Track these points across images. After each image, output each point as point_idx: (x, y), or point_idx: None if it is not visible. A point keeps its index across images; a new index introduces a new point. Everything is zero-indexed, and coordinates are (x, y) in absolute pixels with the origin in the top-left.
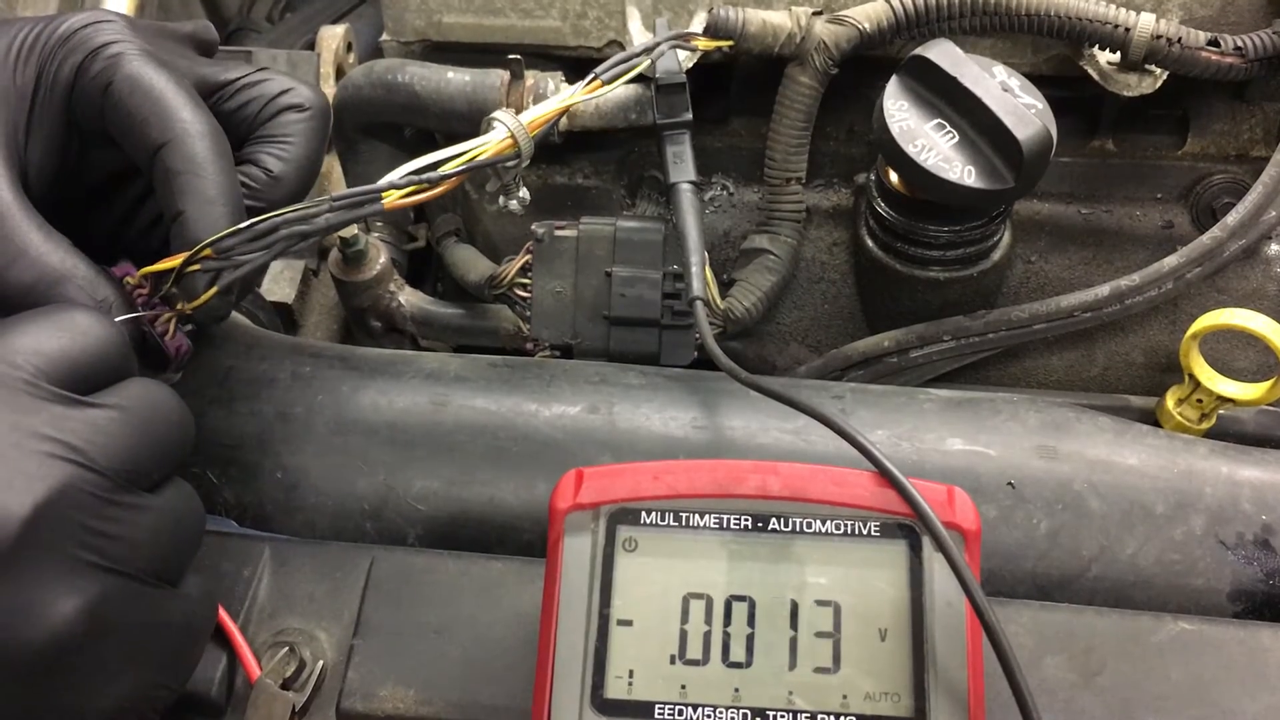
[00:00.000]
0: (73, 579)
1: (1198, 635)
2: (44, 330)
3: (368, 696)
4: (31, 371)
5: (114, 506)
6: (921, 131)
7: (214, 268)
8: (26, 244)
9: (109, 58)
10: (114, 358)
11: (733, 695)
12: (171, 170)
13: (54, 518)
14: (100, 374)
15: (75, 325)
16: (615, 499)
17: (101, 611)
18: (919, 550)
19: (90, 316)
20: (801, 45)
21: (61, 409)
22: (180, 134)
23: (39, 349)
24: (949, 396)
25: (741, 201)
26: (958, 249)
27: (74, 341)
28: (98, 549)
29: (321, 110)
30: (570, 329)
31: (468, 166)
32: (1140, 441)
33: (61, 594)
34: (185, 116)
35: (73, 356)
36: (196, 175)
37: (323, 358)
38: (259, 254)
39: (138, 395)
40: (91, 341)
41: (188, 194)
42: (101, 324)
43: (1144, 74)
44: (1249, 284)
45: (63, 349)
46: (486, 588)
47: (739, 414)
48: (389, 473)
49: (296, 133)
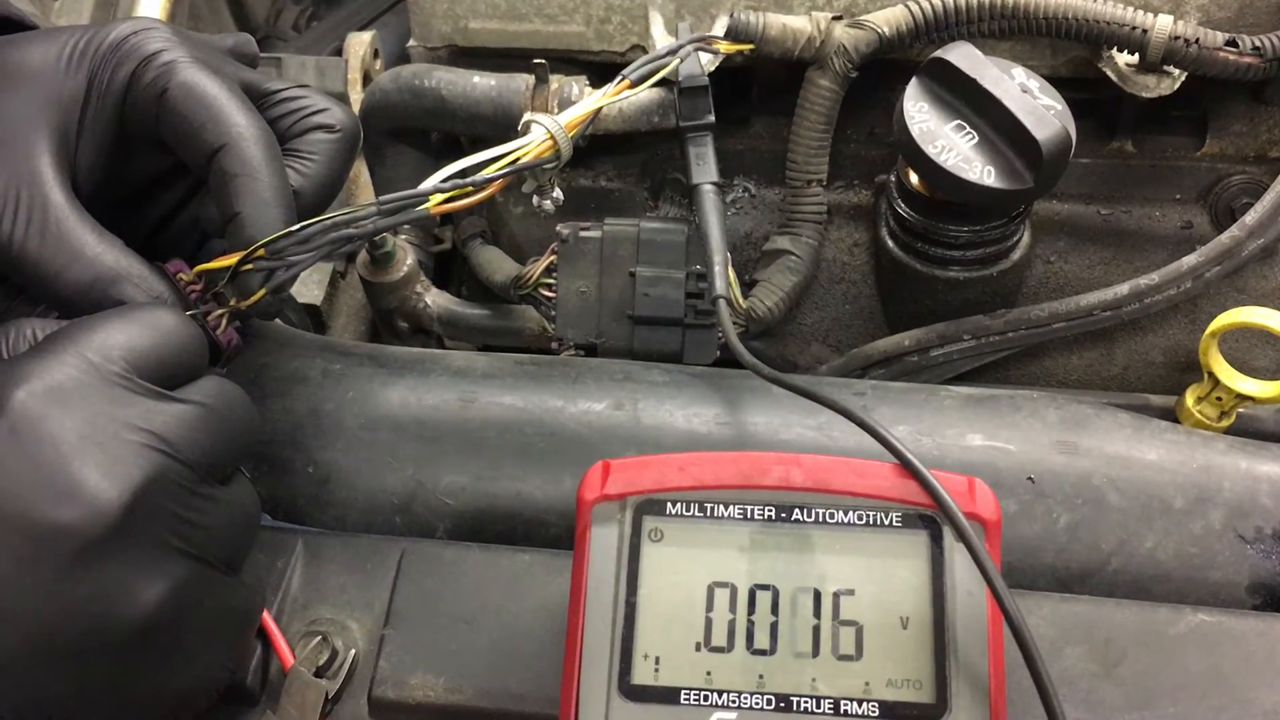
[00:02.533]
0: (163, 563)
1: (1216, 627)
2: (133, 327)
3: (399, 684)
4: (124, 366)
5: (197, 497)
6: (941, 133)
7: (267, 267)
8: (82, 245)
9: (163, 64)
10: (194, 354)
11: (757, 681)
12: (228, 173)
13: (148, 504)
14: (182, 370)
15: (160, 323)
16: (641, 490)
17: (186, 595)
18: (940, 540)
19: (173, 315)
20: (821, 49)
21: (152, 402)
22: (236, 138)
23: (130, 345)
24: (969, 393)
25: (763, 203)
26: (977, 249)
27: (161, 338)
28: (184, 535)
29: (351, 134)
30: (595, 328)
31: (512, 169)
32: (1159, 437)
33: (154, 576)
34: (241, 121)
35: (159, 353)
36: (252, 178)
37: (353, 356)
38: (309, 255)
39: (216, 392)
40: (175, 339)
41: (244, 195)
42: (183, 322)
43: (1162, 75)
44: (1268, 283)
45: (151, 345)
46: (514, 579)
47: (762, 410)
48: (418, 468)
49: (322, 152)
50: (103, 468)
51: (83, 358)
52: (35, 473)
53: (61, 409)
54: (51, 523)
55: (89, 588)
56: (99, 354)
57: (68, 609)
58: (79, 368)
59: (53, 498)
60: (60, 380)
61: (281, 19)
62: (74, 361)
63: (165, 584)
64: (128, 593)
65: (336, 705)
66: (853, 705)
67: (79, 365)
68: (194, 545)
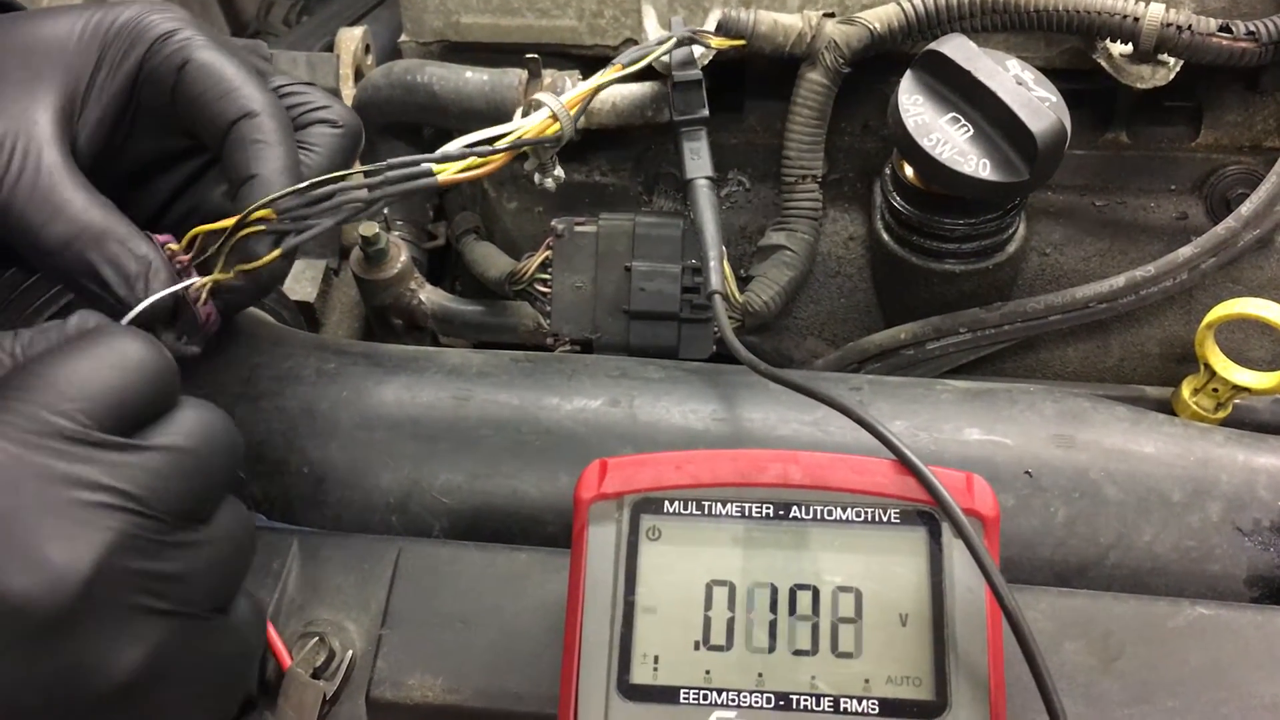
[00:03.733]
0: (135, 626)
1: (1215, 620)
2: (90, 367)
3: (396, 685)
4: (81, 420)
5: (171, 548)
6: (936, 125)
7: (278, 230)
8: (69, 201)
9: (183, 40)
10: (164, 386)
11: (756, 680)
12: (249, 139)
13: (114, 568)
14: (152, 406)
15: (125, 359)
16: (639, 488)
17: (164, 655)
18: (939, 537)
19: (139, 344)
20: (812, 45)
21: (114, 455)
22: (260, 109)
23: (88, 392)
24: (966, 387)
25: (758, 197)
26: (973, 242)
27: (124, 376)
28: (157, 593)
29: (353, 131)
30: (590, 323)
31: (519, 142)
32: (1156, 430)
33: (125, 642)
34: (263, 97)
35: (123, 394)
36: (272, 146)
37: (346, 354)
38: (321, 219)
39: (190, 428)
40: (141, 374)
41: (263, 160)
42: (151, 352)
43: (1157, 65)
44: (1264, 274)
45: (113, 387)
46: (511, 578)
47: (758, 406)
48: (413, 467)
49: (325, 145)
50: (63, 538)
51: (35, 417)
52: None
53: (14, 481)
54: (10, 599)
55: (55, 662)
56: (51, 409)
57: (34, 684)
58: (30, 429)
59: (10, 574)
60: (9, 449)
61: (272, 14)
62: (23, 424)
63: (139, 649)
64: (98, 663)
65: (334, 706)
66: (853, 703)
67: (31, 426)
68: (171, 600)
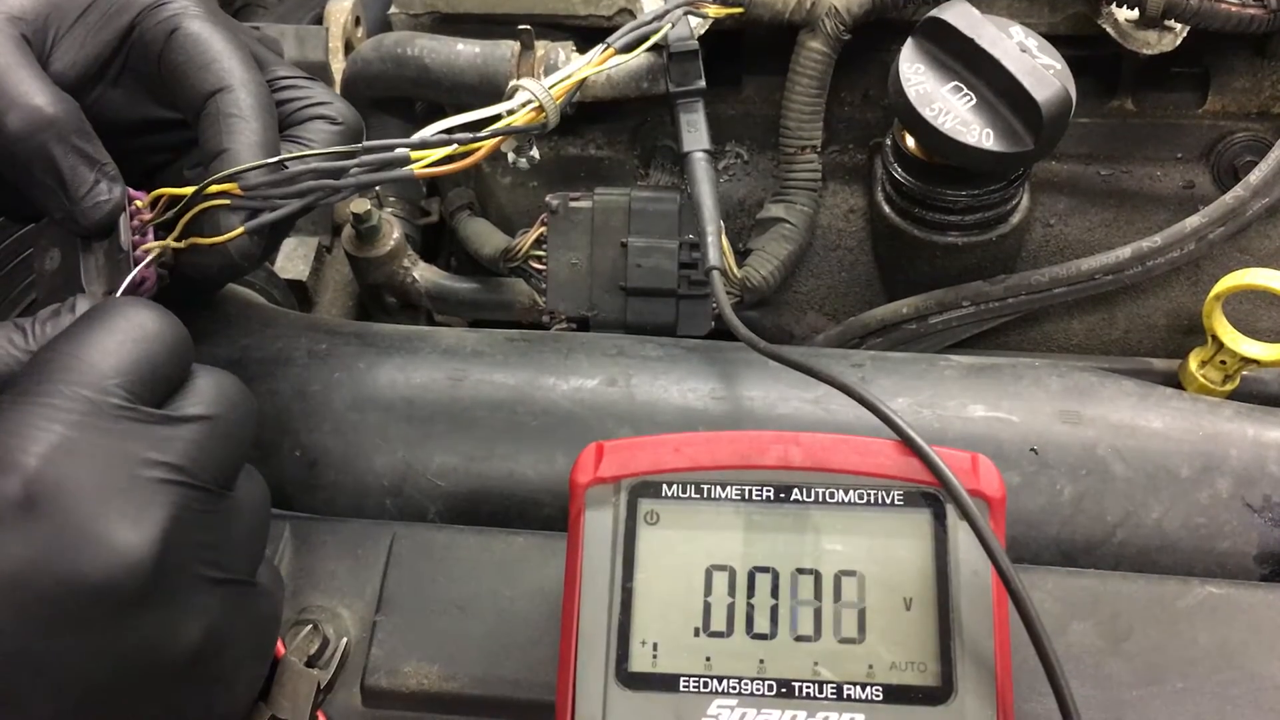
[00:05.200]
0: (199, 596)
1: (1225, 599)
2: (118, 341)
3: (391, 673)
4: (123, 395)
5: (216, 515)
6: (938, 95)
7: (247, 206)
8: (28, 92)
9: (177, 8)
10: (184, 353)
11: (758, 666)
12: (223, 113)
13: (176, 544)
14: (174, 375)
15: (145, 330)
16: (636, 472)
17: (221, 621)
18: (943, 518)
19: (154, 315)
20: (812, 12)
21: (159, 429)
22: (238, 84)
23: (121, 366)
24: (970, 363)
25: (756, 168)
26: (976, 213)
27: (148, 348)
28: (212, 562)
29: (353, 129)
30: (587, 300)
31: (500, 133)
32: (1164, 405)
33: (190, 614)
34: (242, 72)
35: (151, 366)
36: (246, 121)
37: (339, 335)
38: (292, 200)
39: (215, 395)
40: (162, 345)
41: (236, 134)
42: (165, 320)
43: (1163, 31)
44: (1272, 243)
45: (141, 360)
46: (508, 563)
47: (758, 384)
48: (408, 449)
49: (321, 141)
50: (128, 517)
51: (80, 397)
52: (61, 537)
53: (74, 465)
54: (86, 585)
55: (130, 639)
56: (94, 387)
57: (114, 664)
58: (80, 410)
59: (83, 559)
60: (66, 433)
61: None
62: (73, 406)
63: (203, 618)
64: (169, 635)
65: (329, 695)
66: (856, 689)
67: (80, 407)
68: (223, 568)
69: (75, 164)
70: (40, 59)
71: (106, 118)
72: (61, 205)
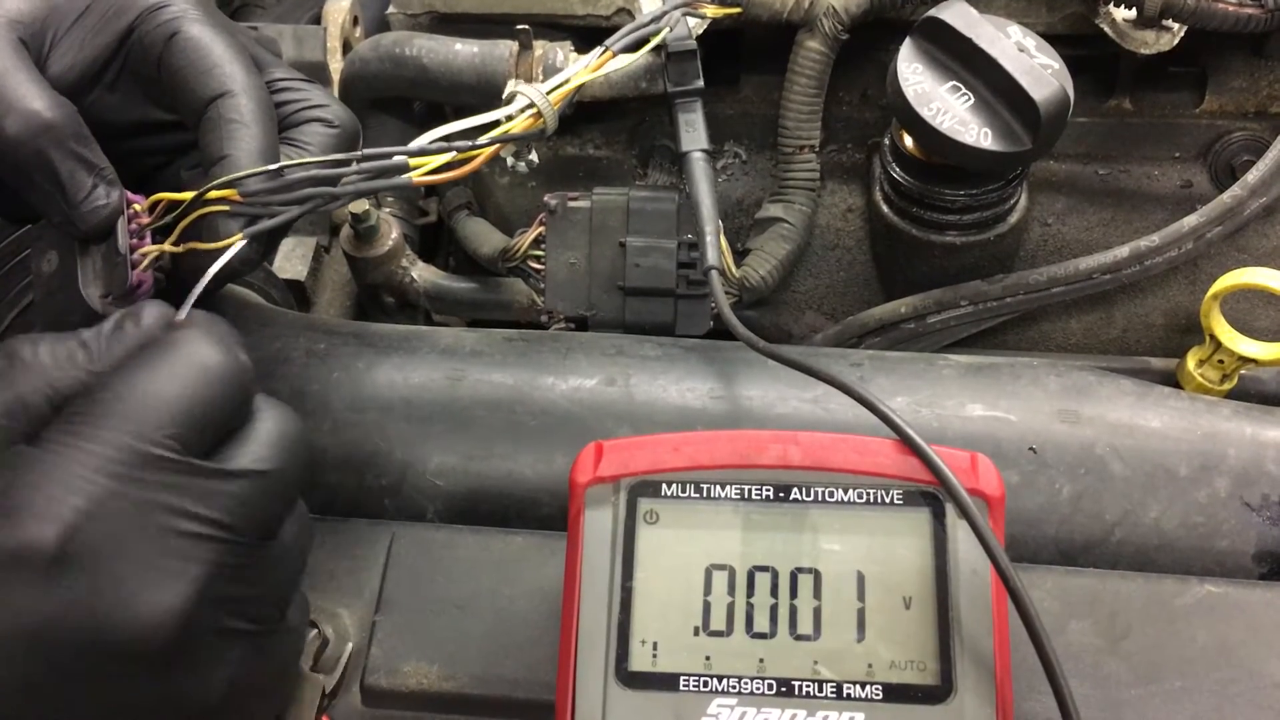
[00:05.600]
0: (223, 650)
1: (1223, 598)
2: (175, 385)
3: (391, 673)
4: (171, 445)
5: (254, 568)
6: (936, 94)
7: (247, 213)
8: (25, 96)
9: (175, 12)
10: (244, 394)
11: (757, 666)
12: (225, 119)
13: (206, 600)
14: (233, 417)
15: (206, 372)
16: (635, 471)
17: (250, 672)
18: (942, 518)
19: (217, 351)
20: (810, 11)
21: (206, 483)
22: (240, 89)
23: (174, 411)
24: (968, 362)
25: (754, 168)
26: (974, 213)
27: (206, 391)
28: (242, 613)
29: (349, 132)
30: (585, 300)
31: (499, 140)
32: (1163, 404)
33: (215, 667)
34: (244, 77)
35: (207, 409)
36: (247, 127)
37: (337, 335)
38: (291, 207)
39: (273, 445)
40: (223, 387)
41: (236, 141)
42: (229, 359)
43: (1161, 31)
44: (1270, 242)
45: (196, 405)
46: (507, 562)
47: (757, 383)
48: (406, 449)
49: (318, 144)
50: (162, 577)
51: (125, 446)
52: (90, 594)
53: (111, 520)
54: (112, 643)
55: (156, 694)
56: (141, 437)
57: (133, 717)
58: (126, 461)
59: (111, 619)
60: (108, 485)
61: None
62: (116, 455)
63: (228, 670)
64: (193, 688)
65: (333, 700)
66: (855, 688)
67: (123, 457)
68: (252, 618)
69: (73, 168)
70: (38, 62)
71: (103, 120)
72: (60, 209)
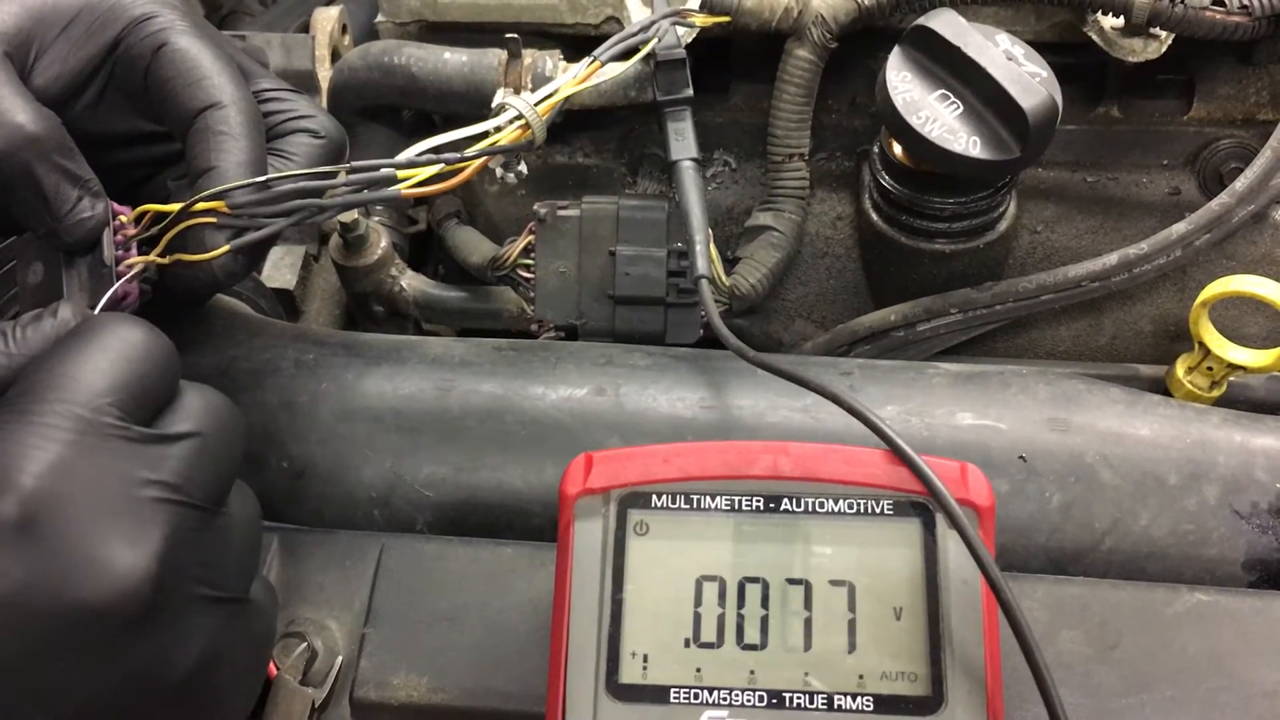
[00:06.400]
0: (194, 617)
1: (1214, 606)
2: (109, 360)
3: (381, 685)
4: (116, 414)
5: (210, 534)
6: (925, 102)
7: (233, 225)
8: (9, 109)
9: (165, 22)
10: (172, 371)
11: (748, 677)
12: (213, 130)
13: (173, 564)
14: (163, 393)
15: (134, 349)
16: (626, 483)
17: (217, 640)
18: (933, 528)
19: (141, 330)
20: (799, 20)
21: (153, 449)
22: (228, 101)
23: (114, 385)
24: (958, 371)
25: (744, 176)
26: (963, 221)
27: (138, 367)
28: (207, 580)
29: (336, 143)
30: (575, 309)
31: (487, 152)
32: (1152, 412)
33: (187, 635)
34: (232, 89)
35: (142, 384)
36: (235, 139)
37: (326, 345)
38: (278, 219)
39: (204, 413)
40: (151, 363)
41: (224, 153)
42: (153, 337)
43: (1149, 39)
44: (1258, 249)
45: (131, 378)
46: (497, 574)
47: (747, 393)
48: (396, 459)
49: (304, 155)
50: (126, 538)
51: (74, 415)
52: (58, 559)
53: (71, 485)
54: (85, 607)
55: (128, 661)
56: (88, 406)
57: (110, 686)
58: (75, 429)
59: (81, 582)
60: (61, 452)
61: None
62: (68, 425)
63: (200, 638)
64: (167, 656)
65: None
66: (847, 700)
67: (74, 426)
68: (217, 586)
69: (58, 181)
70: (22, 74)
71: (89, 132)
72: (45, 222)
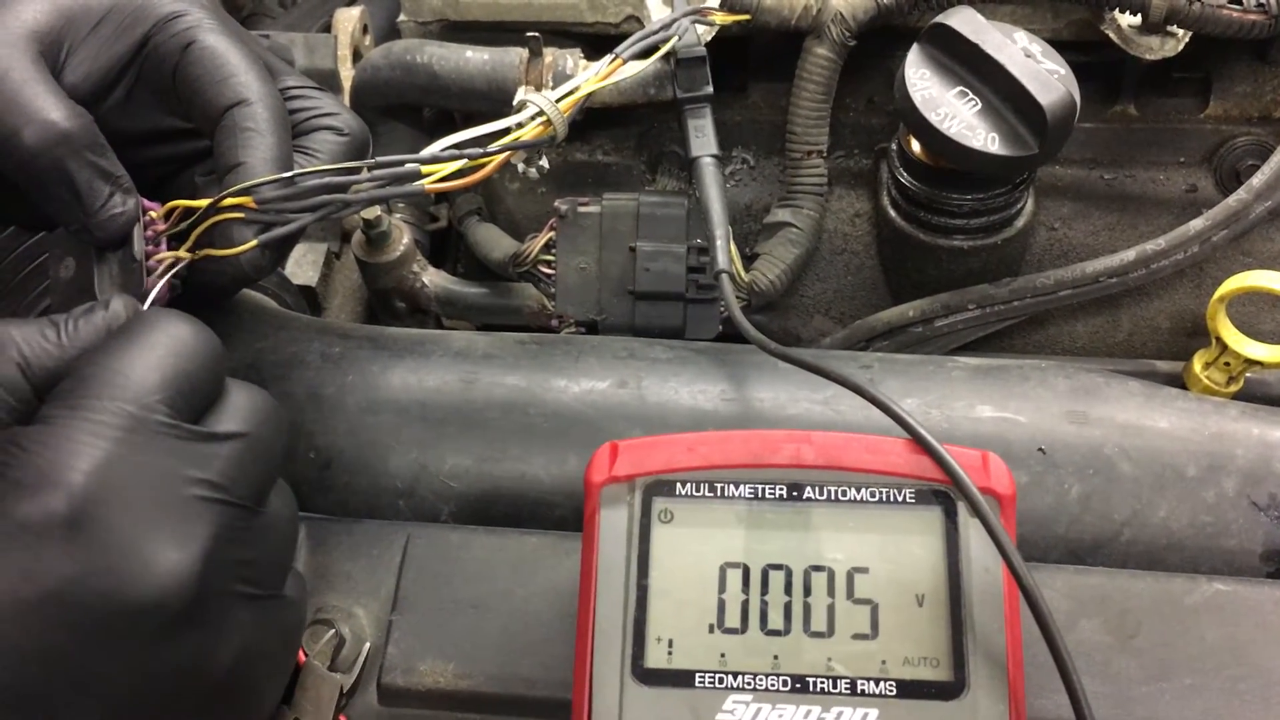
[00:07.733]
0: (235, 614)
1: (1232, 596)
2: (157, 357)
3: (408, 671)
4: (165, 412)
5: (252, 533)
6: (944, 99)
7: (261, 220)
8: (44, 107)
9: (191, 22)
10: (219, 368)
11: (772, 663)
12: (240, 127)
13: (217, 563)
14: (211, 390)
15: (183, 345)
16: (650, 471)
17: (256, 636)
18: (954, 516)
19: (191, 327)
20: (818, 18)
21: (200, 446)
22: (255, 98)
23: (162, 382)
24: (977, 364)
25: (762, 174)
26: (981, 217)
27: (186, 364)
28: (248, 578)
29: (359, 141)
30: (595, 305)
31: (509, 147)
32: (1170, 405)
33: (229, 632)
34: (259, 86)
35: (190, 381)
36: (262, 135)
37: (351, 338)
38: (305, 214)
39: (250, 411)
40: (200, 360)
41: (252, 149)
42: (202, 334)
43: (1166, 36)
44: (1275, 245)
45: (180, 375)
46: (521, 562)
47: (768, 385)
48: (421, 451)
49: (328, 152)
50: (173, 536)
51: (124, 413)
52: (106, 555)
53: (120, 482)
54: (131, 603)
55: (172, 658)
56: (137, 403)
57: (153, 681)
58: (125, 426)
59: (128, 578)
60: (111, 449)
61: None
62: (118, 421)
63: (240, 635)
64: (209, 652)
65: (350, 699)
66: (869, 684)
67: (124, 423)
68: (257, 584)
69: (90, 178)
70: (54, 71)
71: (118, 128)
72: (77, 217)
